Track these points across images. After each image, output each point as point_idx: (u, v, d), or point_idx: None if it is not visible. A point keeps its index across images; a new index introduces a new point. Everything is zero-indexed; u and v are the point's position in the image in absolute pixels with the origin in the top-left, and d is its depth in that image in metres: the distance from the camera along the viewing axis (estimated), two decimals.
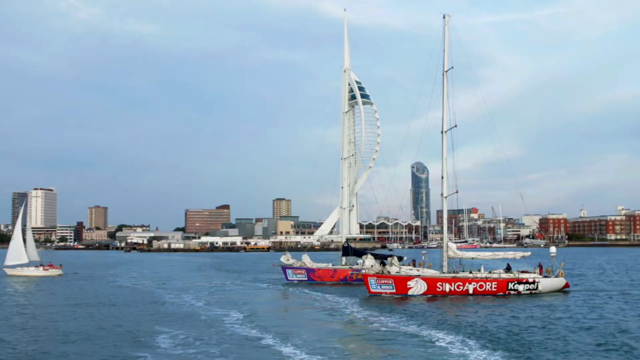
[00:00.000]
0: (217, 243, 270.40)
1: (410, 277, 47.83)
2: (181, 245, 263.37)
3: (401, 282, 47.75)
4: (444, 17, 53.30)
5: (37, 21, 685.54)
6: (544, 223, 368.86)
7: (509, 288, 47.51)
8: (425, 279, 47.67)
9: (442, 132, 52.37)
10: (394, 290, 47.62)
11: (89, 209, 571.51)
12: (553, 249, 53.32)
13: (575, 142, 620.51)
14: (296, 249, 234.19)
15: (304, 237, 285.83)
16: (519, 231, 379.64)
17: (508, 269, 49.96)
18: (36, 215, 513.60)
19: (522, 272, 49.88)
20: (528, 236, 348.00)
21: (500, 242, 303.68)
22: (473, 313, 37.68)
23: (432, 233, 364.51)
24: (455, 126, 52.40)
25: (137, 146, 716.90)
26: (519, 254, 53.54)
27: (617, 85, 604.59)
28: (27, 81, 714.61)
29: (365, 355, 25.06)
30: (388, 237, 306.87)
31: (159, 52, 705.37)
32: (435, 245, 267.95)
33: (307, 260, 65.87)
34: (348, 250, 65.01)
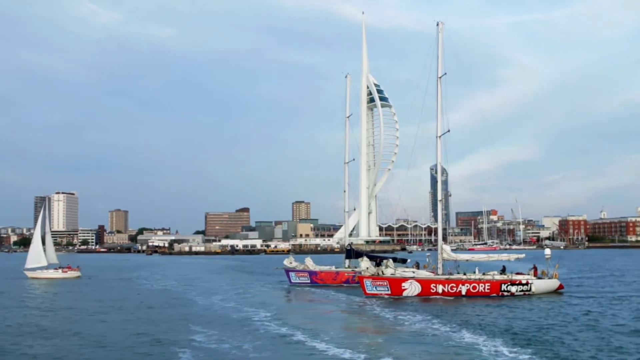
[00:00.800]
0: (237, 246, 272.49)
1: (405, 279, 49.11)
2: (202, 248, 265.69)
3: (396, 283, 49.07)
4: (437, 24, 54.31)
5: (58, 26, 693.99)
6: (563, 225, 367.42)
7: (502, 289, 48.51)
8: (419, 280, 48.96)
9: (436, 137, 53.60)
10: (389, 292, 48.93)
11: (110, 213, 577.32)
12: (547, 251, 54.72)
13: (595, 142, 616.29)
14: (316, 251, 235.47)
15: (324, 240, 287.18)
16: (538, 233, 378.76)
17: (503, 271, 51.07)
18: (58, 219, 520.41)
19: (517, 274, 51.06)
20: (548, 238, 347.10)
21: (520, 243, 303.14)
22: (492, 312, 38.86)
23: (452, 235, 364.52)
24: (449, 131, 53.42)
25: (156, 149, 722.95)
26: (513, 256, 55.08)
27: (637, 84, 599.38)
28: (47, 85, 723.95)
29: (391, 351, 26.25)
30: (407, 240, 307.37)
31: (177, 55, 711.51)
32: (454, 248, 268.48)
33: (309, 263, 67.72)
34: (350, 253, 66.37)
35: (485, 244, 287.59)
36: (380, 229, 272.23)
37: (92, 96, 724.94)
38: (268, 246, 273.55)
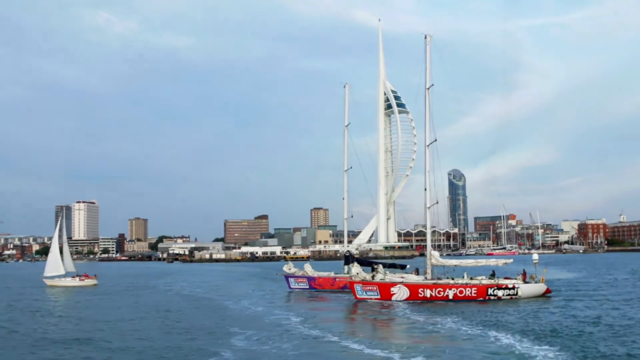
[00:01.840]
0: (257, 253, 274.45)
1: (394, 284, 50.58)
2: (222, 256, 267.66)
3: (385, 288, 50.60)
4: (425, 37, 55.89)
5: (75, 36, 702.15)
6: (582, 229, 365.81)
7: (489, 293, 49.81)
8: (407, 285, 50.41)
9: (425, 146, 55.19)
10: (379, 296, 50.47)
11: (130, 221, 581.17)
12: (535, 255, 55.94)
13: (613, 145, 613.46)
14: (335, 257, 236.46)
15: (343, 246, 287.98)
16: (557, 237, 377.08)
17: (493, 276, 52.24)
18: (79, 228, 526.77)
19: (505, 278, 52.34)
20: (567, 242, 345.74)
21: (538, 248, 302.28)
22: (513, 314, 40.30)
23: (470, 240, 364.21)
24: (435, 140, 55.03)
25: (174, 158, 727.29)
26: (501, 261, 55.94)
27: None
28: (66, 95, 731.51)
29: (421, 349, 27.82)
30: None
31: (193, 64, 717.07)
32: (473, 253, 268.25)
33: (308, 269, 69.95)
34: (349, 259, 67.87)
35: (504, 248, 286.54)
36: (399, 234, 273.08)
37: (110, 105, 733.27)
38: (287, 253, 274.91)
